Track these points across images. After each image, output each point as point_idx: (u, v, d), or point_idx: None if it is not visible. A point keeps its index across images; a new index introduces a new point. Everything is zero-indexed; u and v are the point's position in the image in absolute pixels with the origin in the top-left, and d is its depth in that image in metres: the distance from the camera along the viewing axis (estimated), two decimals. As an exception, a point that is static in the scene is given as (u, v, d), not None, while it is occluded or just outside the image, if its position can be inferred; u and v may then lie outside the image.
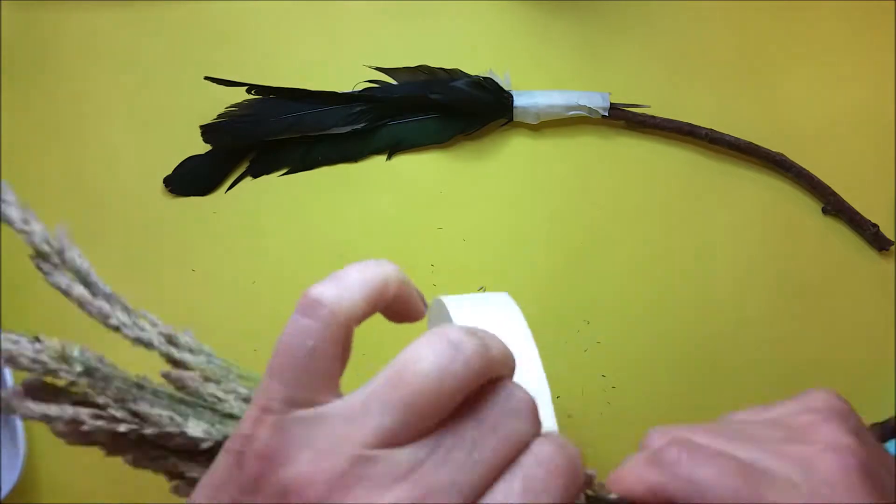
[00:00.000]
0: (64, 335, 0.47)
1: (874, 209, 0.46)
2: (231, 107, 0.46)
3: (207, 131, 0.46)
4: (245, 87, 0.46)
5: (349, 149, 0.47)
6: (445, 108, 0.47)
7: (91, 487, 0.45)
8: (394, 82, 0.48)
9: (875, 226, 0.46)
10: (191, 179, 0.47)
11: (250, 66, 0.48)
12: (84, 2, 0.49)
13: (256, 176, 0.48)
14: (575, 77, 0.48)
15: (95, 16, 0.48)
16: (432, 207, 0.47)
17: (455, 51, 0.48)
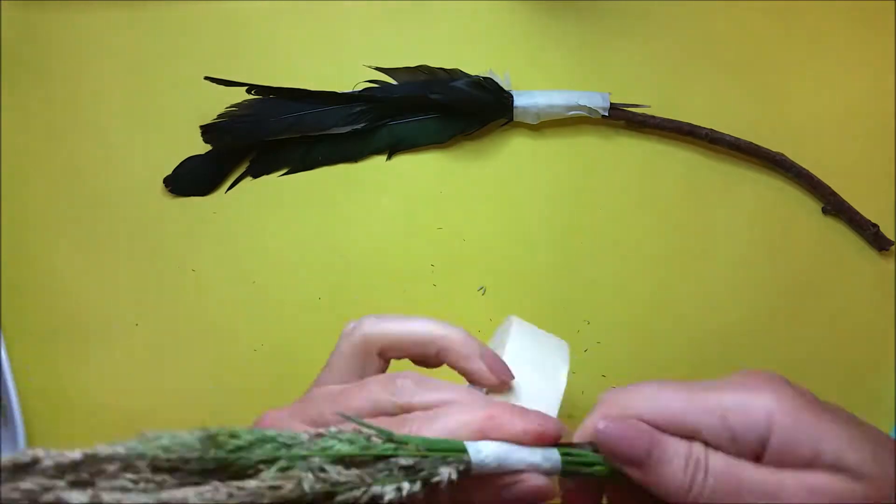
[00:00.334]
0: (64, 335, 0.47)
1: (874, 209, 0.46)
2: (231, 107, 0.46)
3: (207, 131, 0.46)
4: (245, 87, 0.46)
5: (349, 149, 0.47)
6: (445, 108, 0.47)
7: (91, 487, 0.45)
8: (394, 82, 0.48)
9: (875, 226, 0.46)
10: (191, 179, 0.47)
11: (250, 66, 0.48)
12: (84, 2, 0.49)
13: (256, 176, 0.48)
14: (575, 77, 0.48)
15: (95, 16, 0.48)
16: (432, 207, 0.47)
17: (455, 51, 0.48)
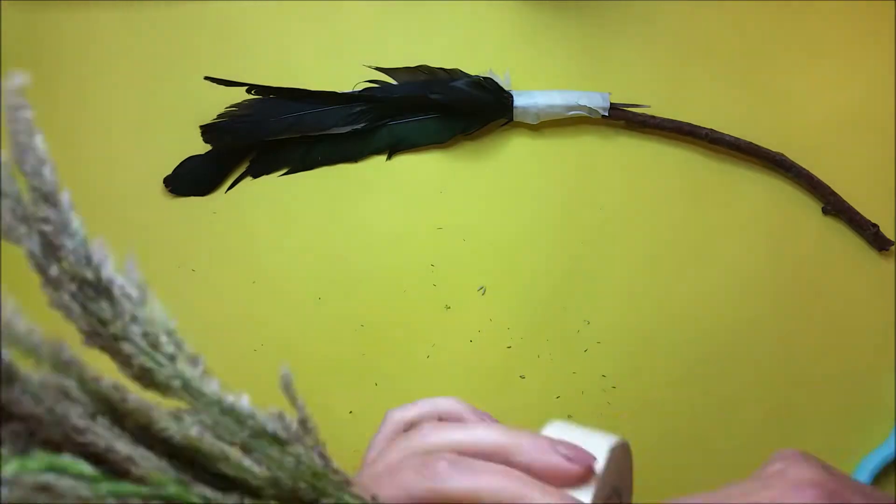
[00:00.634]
0: (63, 335, 0.47)
1: (874, 209, 0.46)
2: (231, 107, 0.46)
3: (207, 131, 0.46)
4: (245, 87, 0.46)
5: (349, 149, 0.47)
6: (445, 108, 0.47)
7: (91, 487, 0.45)
8: (394, 82, 0.48)
9: (875, 226, 0.46)
10: (191, 179, 0.47)
11: (250, 66, 0.48)
12: (84, 2, 0.49)
13: (256, 176, 0.48)
14: (575, 77, 0.48)
15: (95, 16, 0.48)
16: (432, 207, 0.47)
17: (455, 51, 0.48)
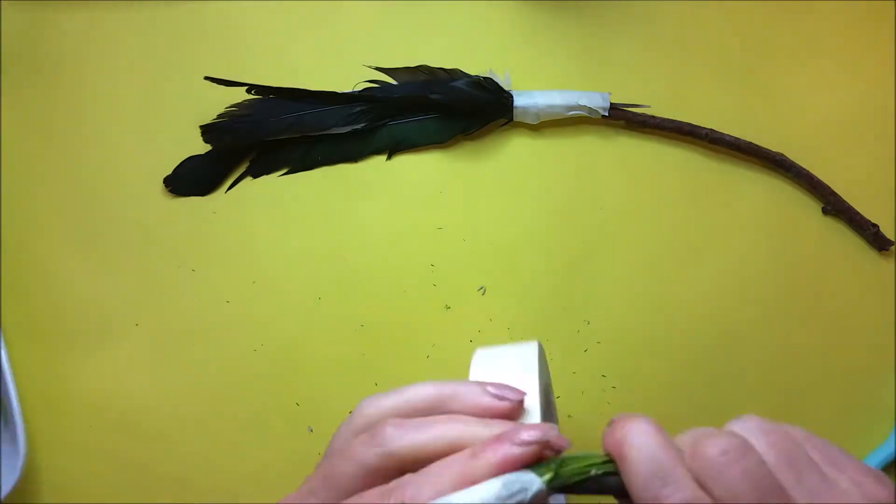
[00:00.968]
0: (64, 335, 0.47)
1: (874, 209, 0.46)
2: (231, 107, 0.46)
3: (207, 131, 0.46)
4: (245, 87, 0.46)
5: (349, 149, 0.47)
6: (445, 108, 0.47)
7: (91, 487, 0.45)
8: (394, 82, 0.48)
9: (875, 226, 0.46)
10: (191, 179, 0.47)
11: (250, 66, 0.48)
12: (84, 2, 0.49)
13: (256, 176, 0.48)
14: (575, 77, 0.48)
15: (95, 16, 0.48)
16: (432, 207, 0.47)
17: (455, 51, 0.48)
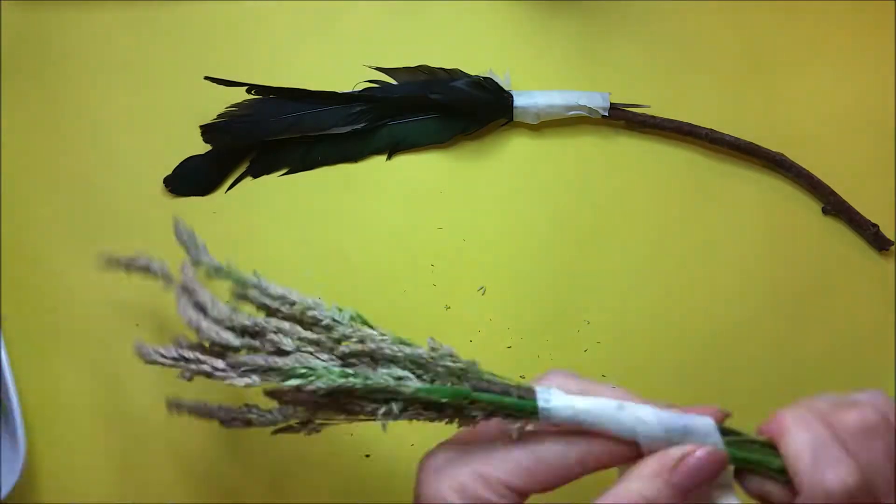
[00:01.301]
0: (64, 335, 0.47)
1: (874, 209, 0.46)
2: (231, 107, 0.46)
3: (207, 131, 0.46)
4: (245, 87, 0.46)
5: (349, 149, 0.47)
6: (445, 108, 0.47)
7: (91, 487, 0.45)
8: (394, 82, 0.48)
9: (875, 226, 0.46)
10: (191, 179, 0.47)
11: (250, 66, 0.48)
12: (84, 2, 0.49)
13: (256, 176, 0.48)
14: (575, 77, 0.48)
15: (95, 16, 0.48)
16: (432, 207, 0.47)
17: (455, 51, 0.48)
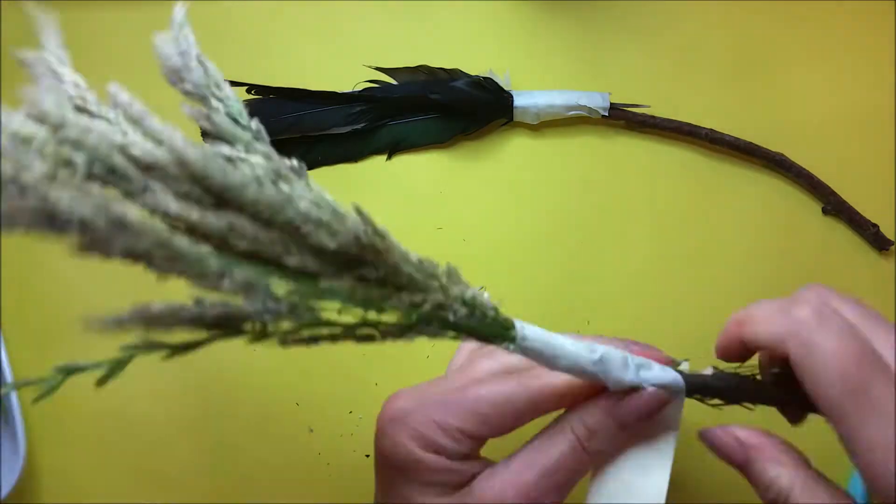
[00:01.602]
0: (64, 335, 0.47)
1: (874, 209, 0.46)
2: (231, 107, 0.46)
3: (208, 132, 0.46)
4: (245, 87, 0.46)
5: (349, 149, 0.47)
6: (445, 108, 0.47)
7: (91, 487, 0.45)
8: (394, 82, 0.48)
9: (875, 226, 0.46)
10: (191, 179, 0.47)
11: (250, 66, 0.48)
12: (84, 2, 0.49)
13: (256, 176, 0.48)
14: (575, 77, 0.48)
15: (95, 16, 0.48)
16: (432, 207, 0.47)
17: (455, 51, 0.48)
